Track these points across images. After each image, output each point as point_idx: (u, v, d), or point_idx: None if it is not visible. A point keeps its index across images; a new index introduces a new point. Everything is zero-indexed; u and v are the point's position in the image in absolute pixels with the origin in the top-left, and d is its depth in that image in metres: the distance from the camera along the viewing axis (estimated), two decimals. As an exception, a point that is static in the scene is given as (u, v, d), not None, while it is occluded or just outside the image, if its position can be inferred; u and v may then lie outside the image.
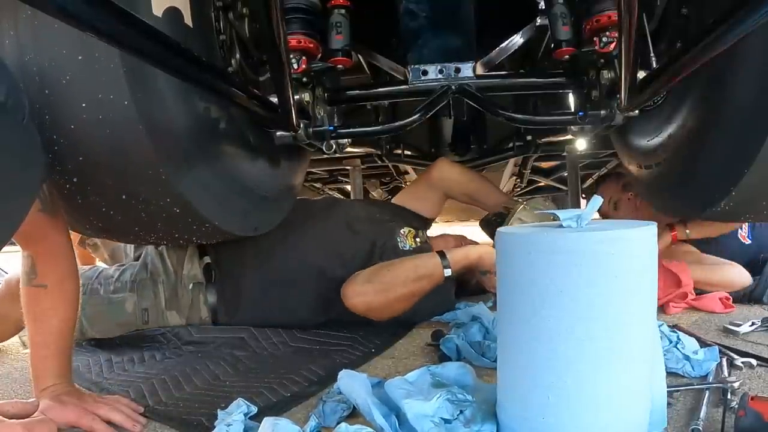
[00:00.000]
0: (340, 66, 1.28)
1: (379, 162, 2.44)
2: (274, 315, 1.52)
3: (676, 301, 1.62)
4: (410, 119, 1.29)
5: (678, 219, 1.87)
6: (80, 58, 0.87)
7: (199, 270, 1.54)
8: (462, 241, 1.82)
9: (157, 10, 0.94)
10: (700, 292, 1.66)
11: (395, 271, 1.45)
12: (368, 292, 1.43)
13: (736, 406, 0.80)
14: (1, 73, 0.79)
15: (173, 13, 0.98)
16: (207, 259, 1.55)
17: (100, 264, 1.82)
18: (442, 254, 1.49)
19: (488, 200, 1.89)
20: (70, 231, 1.04)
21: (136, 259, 1.62)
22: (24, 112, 0.79)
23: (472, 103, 1.34)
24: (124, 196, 1.02)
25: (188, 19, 1.02)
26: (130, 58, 0.87)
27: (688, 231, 1.88)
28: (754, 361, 1.09)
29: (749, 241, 1.94)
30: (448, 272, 1.46)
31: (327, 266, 1.56)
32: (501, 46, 1.39)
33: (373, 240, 1.63)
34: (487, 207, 1.88)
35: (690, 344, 1.09)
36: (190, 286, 1.52)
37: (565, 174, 2.76)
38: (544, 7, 1.28)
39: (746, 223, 1.92)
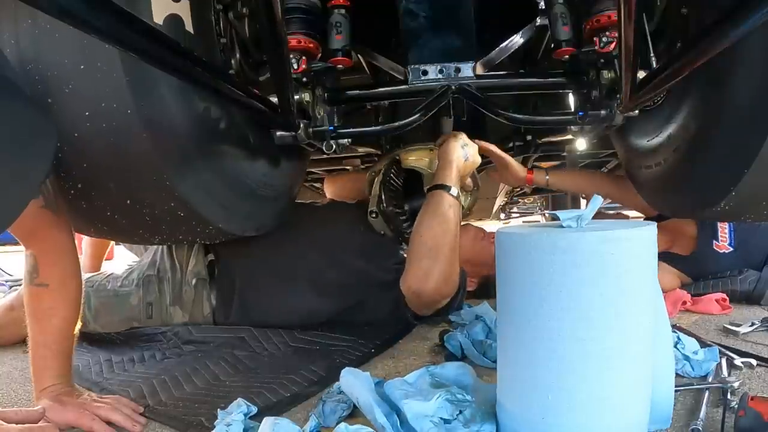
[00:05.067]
0: (340, 66, 1.28)
1: (379, 162, 2.43)
2: (273, 309, 1.52)
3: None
4: (410, 119, 1.29)
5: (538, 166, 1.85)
6: (82, 67, 0.88)
7: (202, 266, 1.56)
8: (480, 233, 1.80)
9: (158, 17, 0.95)
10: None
11: (424, 235, 1.37)
12: (425, 269, 1.35)
13: (736, 406, 0.81)
14: (4, 60, 0.80)
15: (174, 20, 0.98)
16: (211, 257, 1.57)
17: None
18: (435, 187, 1.44)
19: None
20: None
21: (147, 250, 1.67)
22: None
23: (473, 103, 1.34)
24: (128, 201, 1.03)
25: (189, 26, 1.02)
26: (133, 68, 0.89)
27: (547, 177, 1.89)
28: (754, 361, 1.09)
29: (730, 249, 1.79)
30: (455, 192, 1.42)
31: (325, 259, 1.57)
32: (501, 46, 1.39)
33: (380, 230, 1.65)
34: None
35: (690, 344, 1.09)
36: (194, 282, 1.54)
37: (565, 174, 2.76)
38: (544, 7, 1.27)
39: (726, 230, 1.80)
